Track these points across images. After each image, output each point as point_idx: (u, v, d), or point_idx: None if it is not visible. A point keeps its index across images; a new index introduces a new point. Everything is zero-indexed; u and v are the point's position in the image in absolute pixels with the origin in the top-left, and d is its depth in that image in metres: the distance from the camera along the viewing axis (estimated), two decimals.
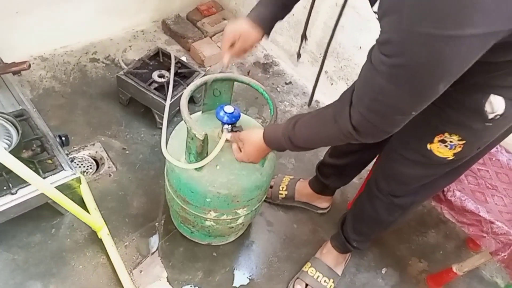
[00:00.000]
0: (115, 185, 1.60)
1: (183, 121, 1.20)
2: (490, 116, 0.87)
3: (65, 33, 1.97)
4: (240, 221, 1.32)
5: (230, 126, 1.15)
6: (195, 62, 2.14)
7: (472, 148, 0.98)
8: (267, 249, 1.56)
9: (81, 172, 1.61)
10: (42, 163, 1.33)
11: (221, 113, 1.13)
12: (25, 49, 1.87)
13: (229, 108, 1.13)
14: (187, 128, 1.08)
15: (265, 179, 1.23)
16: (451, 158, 0.99)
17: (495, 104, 0.85)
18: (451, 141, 0.95)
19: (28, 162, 1.31)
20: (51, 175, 1.33)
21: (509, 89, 0.85)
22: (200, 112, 1.32)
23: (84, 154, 1.68)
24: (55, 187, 1.20)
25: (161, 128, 1.75)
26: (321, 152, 1.89)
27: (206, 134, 1.06)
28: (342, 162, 1.47)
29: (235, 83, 1.27)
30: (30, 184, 1.23)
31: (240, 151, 1.11)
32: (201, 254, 1.49)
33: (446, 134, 0.95)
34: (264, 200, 1.43)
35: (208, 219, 1.28)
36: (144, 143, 1.76)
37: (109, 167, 1.65)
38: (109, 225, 1.44)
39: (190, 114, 1.11)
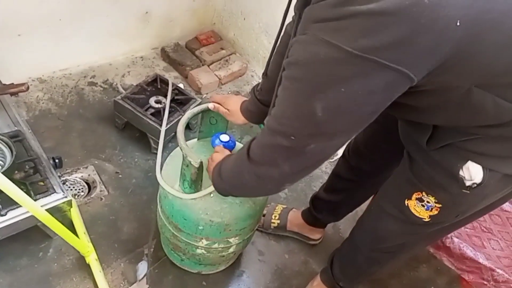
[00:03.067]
0: (106, 209, 1.59)
1: (178, 147, 1.21)
2: (467, 183, 0.84)
3: (64, 56, 2.00)
4: (231, 250, 1.31)
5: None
6: (192, 89, 2.17)
7: (449, 214, 0.95)
8: (258, 279, 1.54)
9: (72, 195, 1.59)
10: (34, 185, 1.32)
11: (217, 142, 1.15)
12: (24, 71, 1.89)
13: (224, 137, 1.15)
14: (183, 155, 1.08)
15: (258, 209, 1.23)
16: (427, 220, 0.96)
17: (473, 172, 0.82)
18: (428, 202, 0.93)
19: (20, 183, 1.29)
20: (43, 197, 1.31)
21: (488, 158, 0.81)
22: (196, 139, 1.33)
23: (76, 177, 1.67)
24: (46, 210, 1.20)
25: (155, 153, 1.75)
26: (315, 183, 1.90)
27: (201, 162, 1.07)
28: (335, 199, 1.47)
29: None
30: (20, 206, 1.22)
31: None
32: (190, 283, 1.46)
33: (424, 193, 0.93)
34: (256, 229, 1.42)
35: (199, 247, 1.27)
36: (137, 168, 1.75)
37: (101, 191, 1.64)
38: (98, 250, 1.42)
39: (186, 141, 1.12)
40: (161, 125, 1.69)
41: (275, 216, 1.65)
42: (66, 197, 1.35)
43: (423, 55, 0.62)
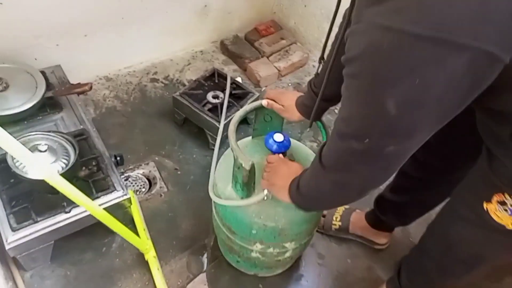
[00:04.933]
0: (165, 206, 1.60)
1: None
2: None
3: (128, 54, 2.06)
4: (287, 254, 1.24)
5: (280, 155, 1.08)
6: (250, 82, 2.12)
7: None
8: (317, 285, 1.46)
9: (134, 191, 1.63)
10: (96, 182, 1.36)
11: (270, 141, 1.08)
12: (91, 70, 1.97)
13: (278, 137, 1.07)
14: (234, 156, 1.03)
15: (315, 213, 1.15)
16: (510, 227, 0.82)
17: None
18: (511, 205, 0.79)
19: (83, 181, 1.34)
20: (104, 194, 1.34)
21: None
22: (250, 137, 1.27)
23: (138, 173, 1.70)
24: (108, 207, 1.22)
25: (213, 149, 1.73)
26: None
27: (253, 164, 1.00)
28: (402, 199, 1.33)
29: None
30: None
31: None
32: (247, 285, 1.43)
33: (506, 195, 0.79)
34: (316, 230, 1.34)
35: (254, 251, 1.22)
36: (196, 164, 1.75)
37: (160, 187, 1.66)
38: (156, 246, 1.44)
39: (244, 136, 1.07)
40: (218, 121, 1.66)
41: (336, 218, 1.54)
42: (126, 194, 1.37)
43: (504, 24, 0.51)
